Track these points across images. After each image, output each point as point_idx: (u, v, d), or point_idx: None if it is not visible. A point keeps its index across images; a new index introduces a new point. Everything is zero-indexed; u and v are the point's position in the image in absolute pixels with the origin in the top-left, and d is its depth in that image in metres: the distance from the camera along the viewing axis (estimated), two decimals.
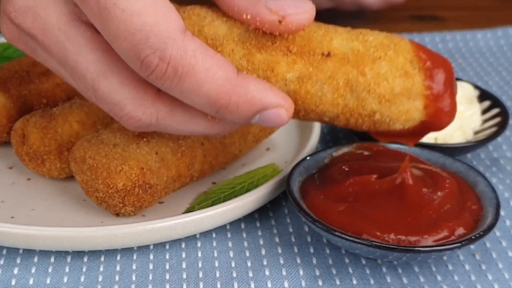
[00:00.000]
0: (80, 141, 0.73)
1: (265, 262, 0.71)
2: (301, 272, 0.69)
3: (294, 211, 0.77)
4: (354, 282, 0.68)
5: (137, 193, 0.70)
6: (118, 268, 0.70)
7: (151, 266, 0.70)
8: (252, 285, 0.67)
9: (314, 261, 0.71)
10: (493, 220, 0.68)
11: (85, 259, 0.71)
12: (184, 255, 0.71)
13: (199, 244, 0.73)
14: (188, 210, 0.75)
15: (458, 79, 0.93)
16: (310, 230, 0.75)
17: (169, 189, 0.75)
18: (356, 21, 1.26)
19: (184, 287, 0.67)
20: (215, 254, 0.71)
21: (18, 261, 0.70)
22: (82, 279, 0.68)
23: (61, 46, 0.62)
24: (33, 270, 0.69)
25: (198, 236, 0.74)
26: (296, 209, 0.69)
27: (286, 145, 0.87)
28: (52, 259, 0.70)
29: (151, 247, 0.72)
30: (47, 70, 0.86)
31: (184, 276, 0.69)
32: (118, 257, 0.71)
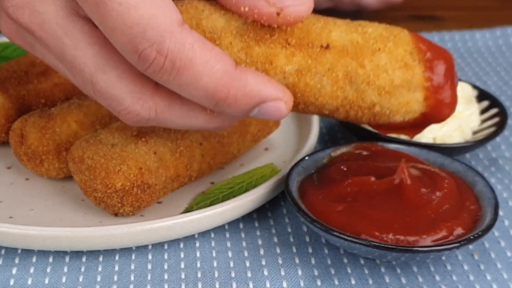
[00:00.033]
0: (79, 141, 0.73)
1: (264, 262, 0.70)
2: (300, 272, 0.69)
3: (293, 211, 0.77)
4: (353, 282, 0.68)
5: (136, 193, 0.70)
6: (117, 268, 0.70)
7: (150, 266, 0.70)
8: (251, 285, 0.67)
9: (313, 261, 0.71)
10: (492, 220, 0.68)
11: (84, 259, 0.71)
12: (183, 255, 0.71)
13: (198, 244, 0.73)
14: (187, 210, 0.75)
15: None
16: (309, 230, 0.75)
17: (168, 189, 0.75)
18: None
19: (183, 287, 0.67)
20: (214, 254, 0.71)
21: (17, 261, 0.70)
22: (81, 279, 0.68)
23: (59, 41, 0.61)
24: (32, 270, 0.69)
25: (197, 236, 0.74)
26: (295, 209, 0.69)
27: (285, 145, 0.87)
28: (51, 259, 0.70)
29: (150, 247, 0.72)
30: (46, 70, 0.86)
31: (183, 276, 0.69)
32: (117, 257, 0.71)
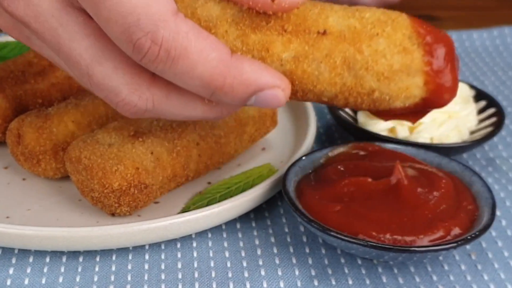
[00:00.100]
0: (76, 141, 0.73)
1: (261, 262, 0.70)
2: (297, 272, 0.69)
3: (290, 211, 0.77)
4: (350, 282, 0.68)
5: (133, 193, 0.70)
6: (114, 268, 0.70)
7: (147, 266, 0.70)
8: (248, 285, 0.67)
9: (310, 261, 0.71)
10: (489, 220, 0.68)
11: (81, 259, 0.71)
12: (180, 255, 0.71)
13: (195, 244, 0.73)
14: (184, 210, 0.75)
15: None
16: (306, 230, 0.75)
17: (165, 189, 0.75)
18: None
19: (180, 287, 0.67)
20: (211, 254, 0.71)
21: (13, 261, 0.70)
22: (78, 279, 0.68)
23: (55, 33, 0.61)
24: (29, 270, 0.69)
25: (194, 236, 0.74)
26: (292, 209, 0.69)
27: (282, 145, 0.87)
28: (48, 259, 0.70)
29: (147, 247, 0.72)
30: (43, 70, 0.85)
31: (180, 276, 0.69)
32: (114, 257, 0.71)
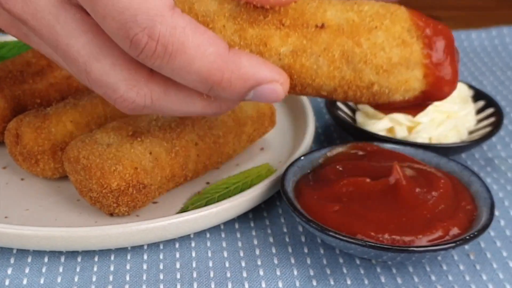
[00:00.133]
0: (74, 141, 0.73)
1: (259, 262, 0.70)
2: (295, 272, 0.69)
3: (288, 211, 0.77)
4: (348, 282, 0.68)
5: (131, 193, 0.70)
6: (112, 268, 0.70)
7: (145, 266, 0.70)
8: (246, 285, 0.67)
9: (308, 261, 0.71)
10: (488, 220, 0.68)
11: (79, 259, 0.70)
12: (178, 255, 0.71)
13: (193, 244, 0.73)
14: (182, 210, 0.74)
15: None
16: (304, 230, 0.75)
17: (163, 189, 0.75)
18: None
19: (178, 287, 0.67)
20: (209, 254, 0.71)
21: (12, 261, 0.70)
22: (76, 279, 0.68)
23: (52, 30, 0.61)
24: (27, 270, 0.69)
25: (192, 236, 0.74)
26: (290, 209, 0.69)
27: (280, 145, 0.87)
28: (46, 259, 0.70)
29: (145, 247, 0.72)
30: (41, 70, 0.85)
31: (178, 276, 0.69)
32: (112, 257, 0.71)
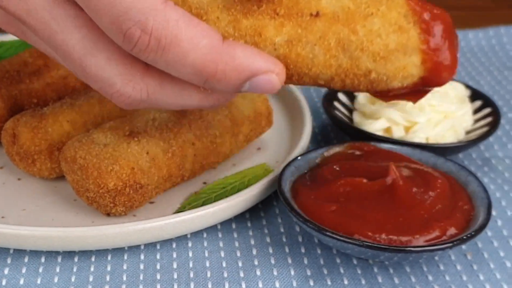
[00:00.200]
0: (71, 141, 0.73)
1: (256, 262, 0.70)
2: (292, 272, 0.69)
3: (285, 211, 0.77)
4: (346, 282, 0.68)
5: (128, 193, 0.70)
6: (109, 268, 0.69)
7: (142, 266, 0.70)
8: (243, 285, 0.67)
9: (305, 261, 0.71)
10: (485, 220, 0.68)
11: (76, 259, 0.70)
12: (175, 255, 0.71)
13: (190, 244, 0.73)
14: (179, 210, 0.74)
15: None
16: (301, 230, 0.75)
17: (160, 189, 0.75)
18: None
19: (175, 287, 0.67)
20: (206, 254, 0.71)
21: (9, 261, 0.70)
22: (73, 279, 0.68)
23: (47, 26, 0.60)
24: (24, 270, 0.69)
25: (189, 236, 0.74)
26: (287, 209, 0.69)
27: (277, 145, 0.87)
28: (43, 259, 0.70)
29: (142, 247, 0.72)
30: (38, 70, 0.85)
31: (175, 276, 0.68)
32: (109, 257, 0.71)
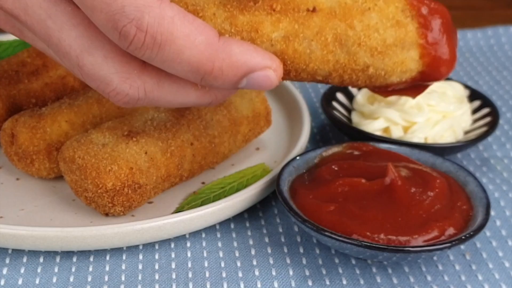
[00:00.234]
0: (69, 141, 0.73)
1: (255, 262, 0.70)
2: (291, 272, 0.69)
3: (284, 211, 0.77)
4: (344, 282, 0.68)
5: (127, 193, 0.70)
6: (108, 268, 0.69)
7: (141, 266, 0.70)
8: (242, 285, 0.67)
9: (304, 261, 0.71)
10: (483, 220, 0.68)
11: (74, 259, 0.70)
12: (174, 255, 0.71)
13: (189, 244, 0.73)
14: (178, 210, 0.74)
15: (448, 79, 0.93)
16: (300, 230, 0.75)
17: (159, 189, 0.75)
18: None
19: (174, 287, 0.67)
20: (205, 254, 0.71)
21: (7, 261, 0.70)
22: (71, 279, 0.68)
23: (44, 24, 0.60)
24: (22, 270, 0.69)
25: (188, 236, 0.74)
26: (286, 209, 0.69)
27: (276, 145, 0.87)
28: (41, 259, 0.70)
29: (141, 247, 0.72)
30: (36, 70, 0.85)
31: (174, 276, 0.68)
32: (108, 257, 0.71)
